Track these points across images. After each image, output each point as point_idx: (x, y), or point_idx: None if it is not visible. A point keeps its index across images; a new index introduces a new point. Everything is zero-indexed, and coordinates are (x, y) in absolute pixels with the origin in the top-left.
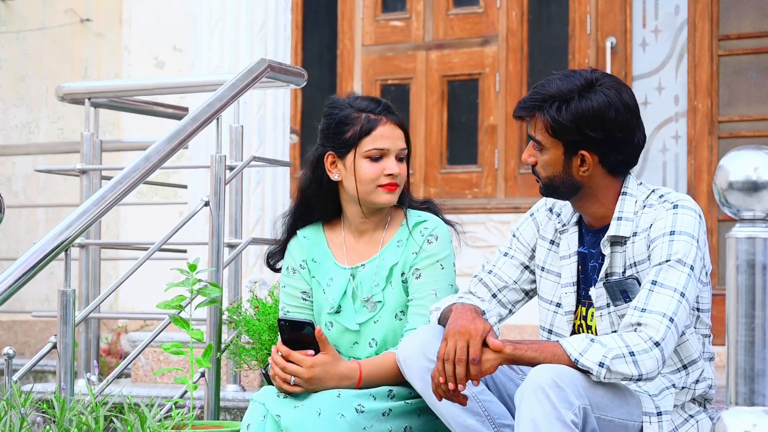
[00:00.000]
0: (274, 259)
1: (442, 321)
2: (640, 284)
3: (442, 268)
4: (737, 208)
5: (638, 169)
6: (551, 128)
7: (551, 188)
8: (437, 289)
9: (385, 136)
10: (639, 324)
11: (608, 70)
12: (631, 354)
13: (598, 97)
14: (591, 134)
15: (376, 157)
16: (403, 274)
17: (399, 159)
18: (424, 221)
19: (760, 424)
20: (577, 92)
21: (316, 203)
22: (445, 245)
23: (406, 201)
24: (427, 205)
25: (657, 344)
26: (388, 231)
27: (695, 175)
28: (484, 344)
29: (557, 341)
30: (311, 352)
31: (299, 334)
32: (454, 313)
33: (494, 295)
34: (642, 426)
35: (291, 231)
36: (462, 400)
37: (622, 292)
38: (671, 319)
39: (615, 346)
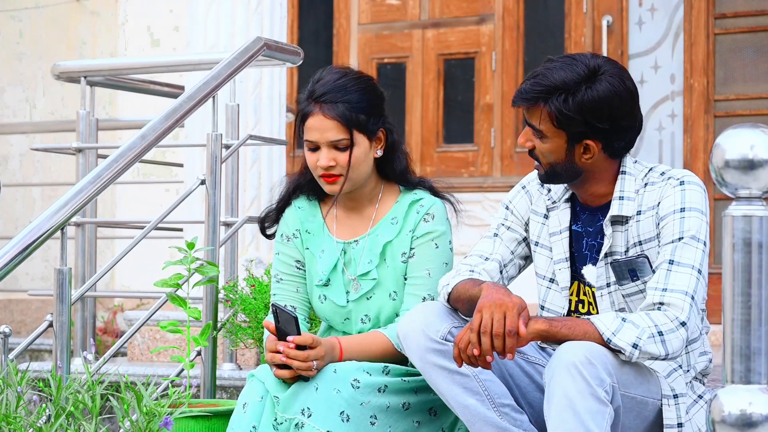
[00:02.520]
0: (268, 222)
1: (453, 299)
2: (650, 262)
3: (437, 247)
4: (733, 187)
5: (634, 148)
6: (557, 119)
7: (552, 174)
8: (430, 269)
9: (313, 127)
10: (662, 303)
11: (604, 49)
12: (660, 334)
13: (604, 87)
14: (598, 125)
15: (311, 147)
16: (404, 254)
17: (339, 148)
18: (420, 199)
19: (756, 402)
20: (583, 82)
21: (311, 175)
22: (441, 223)
23: (399, 178)
24: (422, 183)
25: (683, 324)
26: (381, 207)
27: (691, 153)
28: None
29: (588, 319)
30: (291, 337)
31: (287, 326)
32: (487, 289)
33: (500, 272)
34: (660, 405)
35: (287, 197)
36: (488, 365)
37: (630, 270)
38: (692, 297)
39: (645, 326)
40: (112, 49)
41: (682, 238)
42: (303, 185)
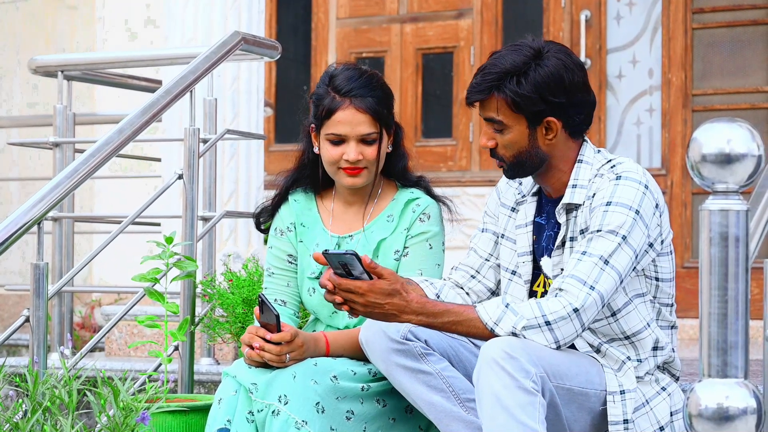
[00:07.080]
0: (263, 216)
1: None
2: None
3: (430, 248)
4: (710, 181)
5: (613, 142)
6: (514, 103)
7: (517, 166)
8: (423, 269)
9: (344, 121)
10: (560, 289)
11: (582, 44)
12: (547, 323)
13: (553, 62)
14: (554, 100)
15: (336, 141)
16: (396, 252)
17: (366, 142)
18: (417, 198)
19: (732, 396)
20: (531, 61)
21: (309, 170)
22: (435, 224)
23: (399, 175)
24: (420, 182)
25: (575, 310)
26: (379, 203)
27: (669, 148)
28: None
29: (474, 307)
30: (269, 336)
31: (268, 320)
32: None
33: (473, 276)
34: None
35: (284, 192)
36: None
37: None
38: (592, 287)
39: (530, 315)
40: (90, 44)
41: (600, 231)
42: (300, 179)
